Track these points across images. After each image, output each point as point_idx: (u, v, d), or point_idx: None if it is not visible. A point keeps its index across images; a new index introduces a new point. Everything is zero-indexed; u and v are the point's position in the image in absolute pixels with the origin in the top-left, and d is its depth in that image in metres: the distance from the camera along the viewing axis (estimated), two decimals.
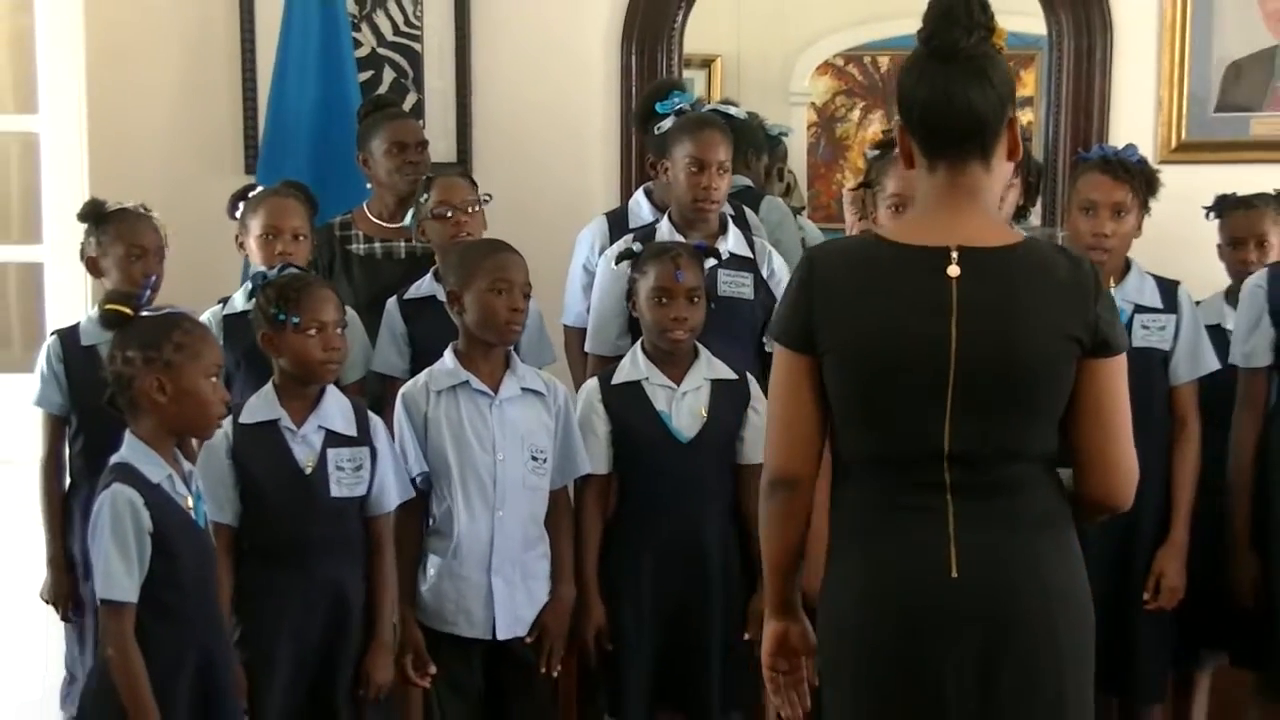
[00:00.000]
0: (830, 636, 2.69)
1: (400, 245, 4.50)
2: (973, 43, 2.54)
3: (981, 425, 2.55)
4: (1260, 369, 3.96)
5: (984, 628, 2.54)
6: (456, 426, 3.71)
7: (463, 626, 3.73)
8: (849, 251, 2.81)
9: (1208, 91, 5.22)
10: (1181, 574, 3.83)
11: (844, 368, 2.61)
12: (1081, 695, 2.62)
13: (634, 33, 5.24)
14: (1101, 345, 2.58)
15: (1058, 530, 2.63)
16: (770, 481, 2.70)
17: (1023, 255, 2.60)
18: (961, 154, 2.58)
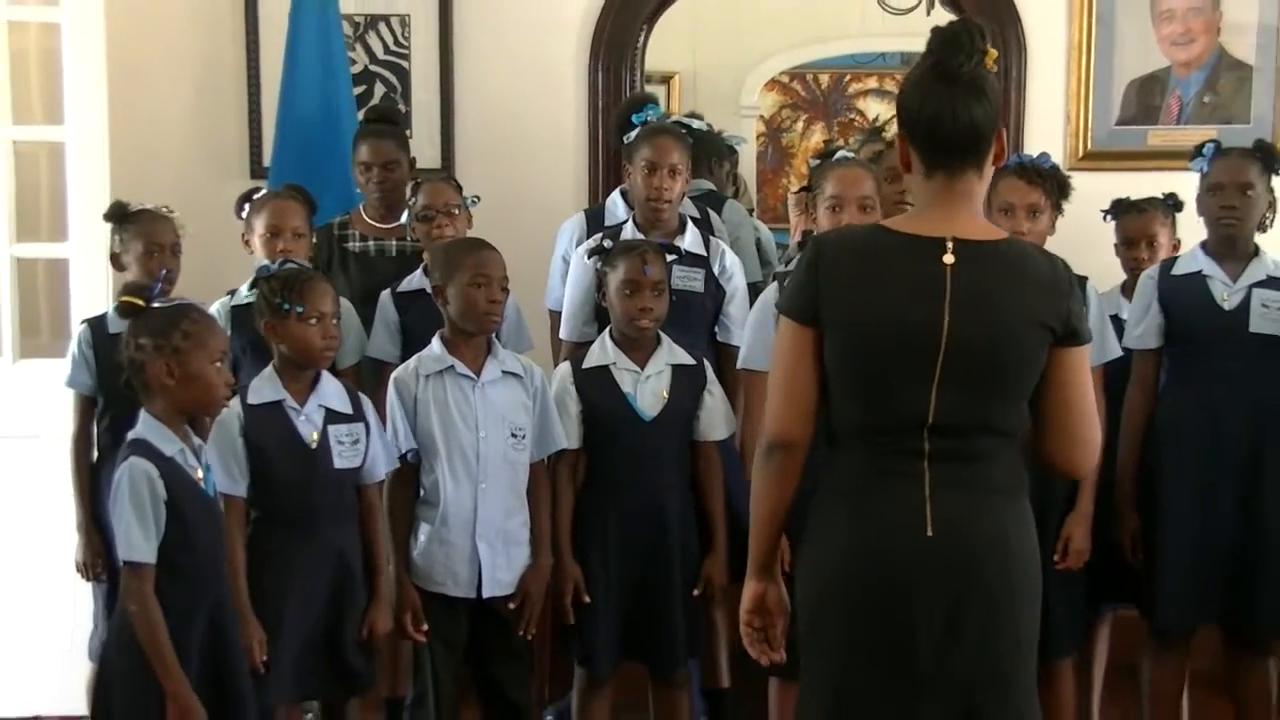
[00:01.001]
0: (814, 584, 2.68)
1: (392, 244, 4.49)
2: (972, 65, 2.56)
3: (962, 400, 2.56)
4: (1149, 351, 3.97)
5: (954, 579, 2.56)
6: (443, 407, 3.70)
7: (450, 587, 3.71)
8: (854, 237, 2.82)
9: (1110, 107, 5.23)
10: (1087, 538, 3.82)
11: (844, 342, 2.61)
12: (1032, 635, 2.67)
13: (601, 51, 5.24)
14: (1071, 335, 2.61)
15: (1017, 496, 2.66)
16: (769, 444, 2.68)
17: (1007, 250, 2.63)
18: (961, 163, 2.60)
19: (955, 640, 2.57)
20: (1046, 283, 2.60)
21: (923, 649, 2.56)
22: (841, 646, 2.63)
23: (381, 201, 4.51)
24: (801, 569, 2.71)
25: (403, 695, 3.98)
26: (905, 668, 2.58)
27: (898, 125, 2.68)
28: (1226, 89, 5.20)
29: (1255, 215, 3.89)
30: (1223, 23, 5.18)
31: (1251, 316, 3.83)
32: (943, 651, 2.57)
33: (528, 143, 5.25)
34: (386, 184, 4.48)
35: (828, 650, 2.65)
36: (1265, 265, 3.89)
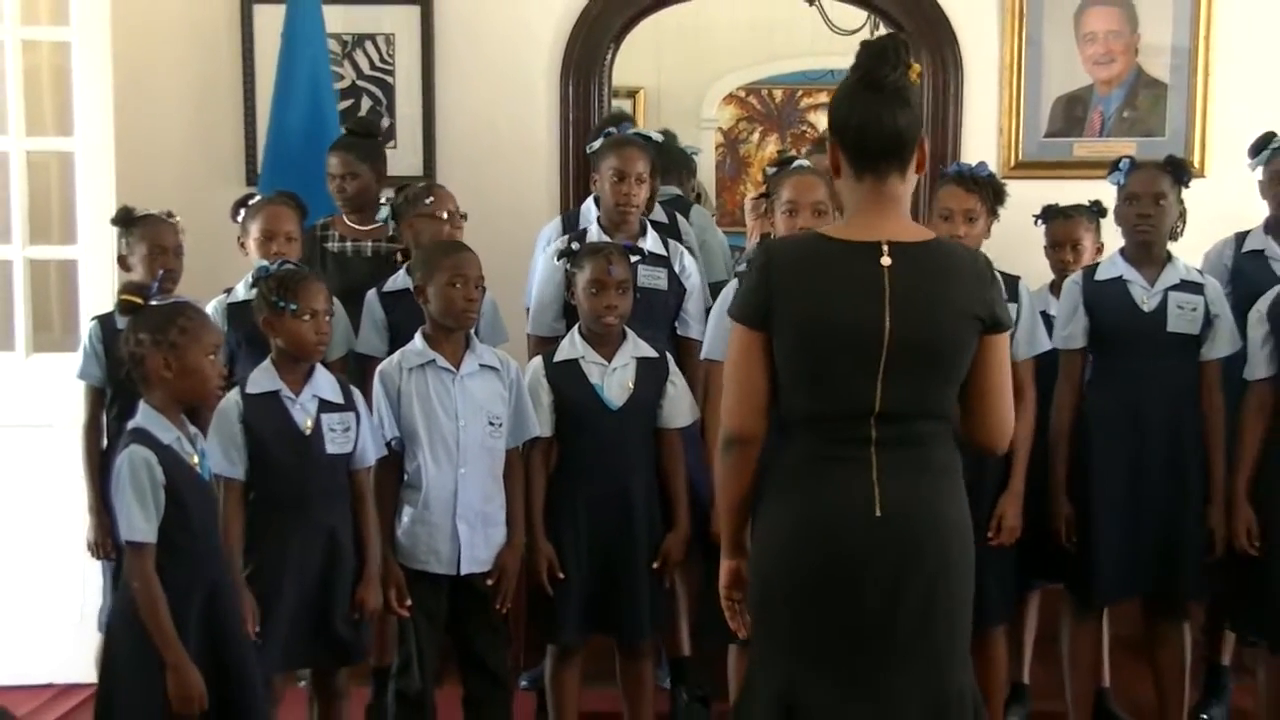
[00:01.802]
0: (765, 562, 2.66)
1: (368, 245, 4.51)
2: (897, 76, 2.55)
3: (905, 389, 2.56)
4: (1076, 350, 3.96)
5: (900, 555, 2.55)
6: (425, 398, 3.67)
7: (432, 564, 3.69)
8: (799, 246, 2.80)
9: (1039, 121, 5.24)
10: (1019, 516, 3.81)
11: (794, 342, 2.60)
12: (967, 605, 2.67)
13: (571, 68, 5.22)
14: (995, 323, 2.61)
15: (954, 476, 2.66)
16: (727, 440, 2.67)
17: (936, 249, 2.64)
18: (886, 167, 2.60)
19: (898, 612, 2.55)
20: (972, 276, 2.61)
21: (869, 622, 2.55)
22: (792, 623, 2.61)
23: (345, 207, 4.54)
24: (755, 548, 2.70)
25: (388, 664, 3.94)
26: (854, 644, 2.57)
27: (829, 132, 2.68)
28: (1144, 105, 5.20)
29: (1168, 224, 3.88)
30: (1140, 44, 5.18)
31: (1169, 317, 3.83)
32: (886, 623, 2.55)
33: (504, 152, 5.23)
34: (345, 192, 4.52)
35: (778, 624, 2.64)
36: (1179, 270, 3.89)
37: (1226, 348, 3.84)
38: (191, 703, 3.04)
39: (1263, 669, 3.91)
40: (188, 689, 3.03)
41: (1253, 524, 3.75)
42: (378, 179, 4.58)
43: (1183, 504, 3.82)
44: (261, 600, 3.42)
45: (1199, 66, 5.13)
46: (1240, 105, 4.99)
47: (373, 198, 4.52)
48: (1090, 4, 5.17)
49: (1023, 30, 5.16)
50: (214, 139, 5.28)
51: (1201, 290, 3.85)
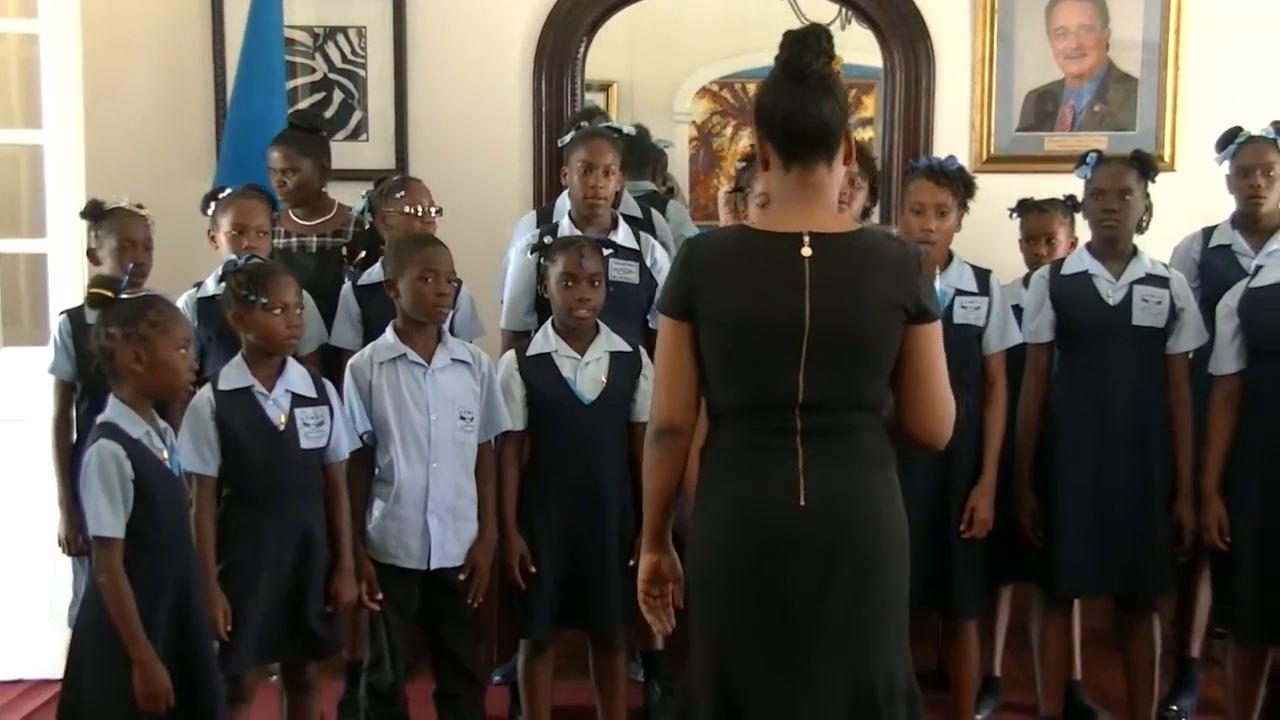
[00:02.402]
0: (699, 553, 2.67)
1: (313, 240, 4.49)
2: (820, 65, 2.57)
3: (828, 379, 2.56)
4: (1043, 344, 3.97)
5: (826, 544, 2.55)
6: (396, 392, 3.66)
7: (403, 559, 3.67)
8: (721, 238, 2.81)
9: (1011, 115, 5.24)
10: (990, 509, 3.83)
11: (717, 334, 2.60)
12: (899, 595, 2.65)
13: (544, 61, 5.21)
14: (921, 313, 2.60)
15: (883, 466, 2.65)
16: (656, 430, 2.67)
17: (860, 240, 2.63)
18: (812, 157, 2.60)
19: (826, 601, 2.55)
20: (897, 266, 2.60)
21: (797, 611, 2.56)
22: (723, 610, 2.62)
23: (287, 201, 4.50)
24: (689, 539, 2.70)
25: (360, 659, 3.94)
26: (781, 629, 2.57)
27: (756, 126, 2.67)
28: (1115, 99, 5.22)
29: (1134, 218, 3.89)
30: (1111, 39, 5.20)
31: (1134, 311, 3.83)
32: (815, 613, 2.56)
33: (476, 146, 5.21)
34: (285, 187, 4.48)
35: (710, 614, 2.64)
36: (1144, 264, 3.89)
37: (1192, 341, 3.86)
38: (158, 699, 3.02)
39: (1230, 661, 3.93)
40: (153, 685, 3.00)
41: (1224, 519, 3.75)
42: (321, 173, 4.54)
43: (1149, 497, 3.83)
44: (235, 596, 3.40)
45: (1169, 61, 5.15)
46: (1210, 100, 5.00)
47: (315, 192, 4.50)
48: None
49: (994, 25, 5.17)
50: (184, 132, 5.24)
51: (1167, 284, 3.86)
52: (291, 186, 4.45)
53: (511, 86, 5.21)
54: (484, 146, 5.20)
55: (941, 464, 3.79)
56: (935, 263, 3.83)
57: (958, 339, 3.79)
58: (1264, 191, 4.16)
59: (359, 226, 4.47)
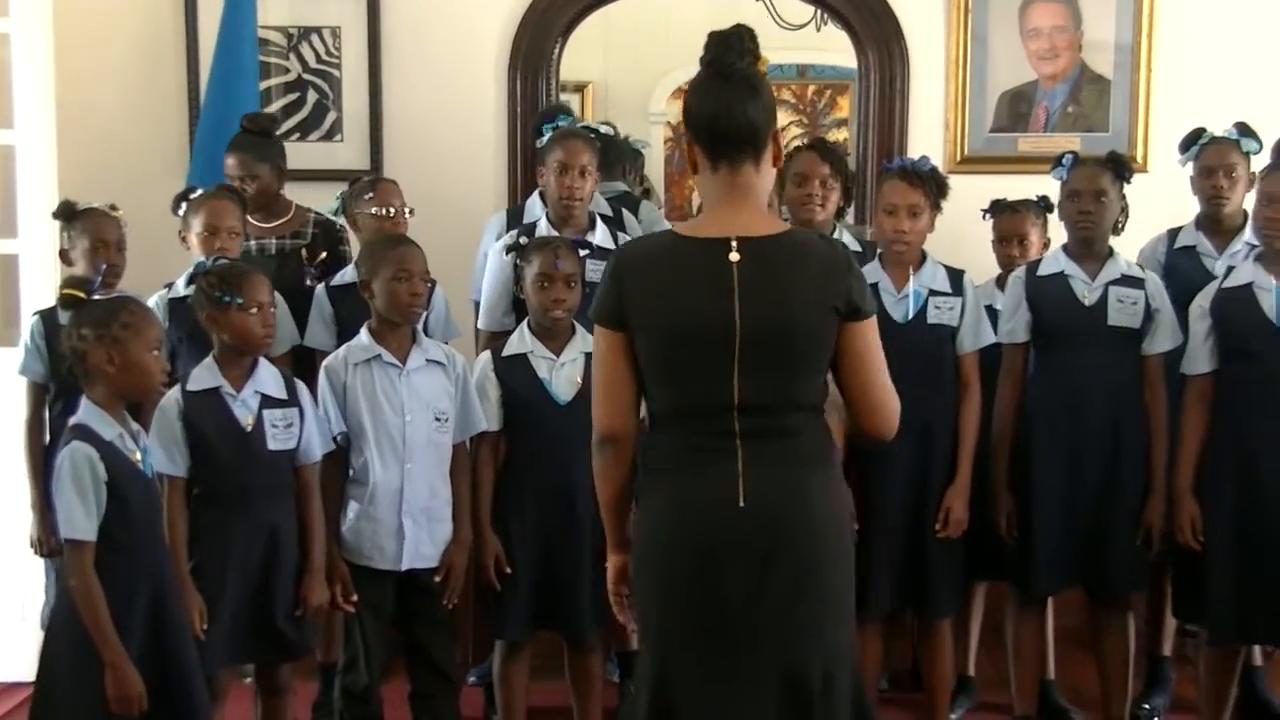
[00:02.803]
0: (642, 556, 2.68)
1: (272, 242, 4.46)
2: (744, 65, 2.57)
3: (762, 381, 2.56)
4: (1019, 344, 3.98)
5: (764, 545, 2.56)
6: (371, 393, 3.65)
7: (378, 560, 3.67)
8: (649, 245, 2.81)
9: (984, 116, 5.25)
10: (965, 509, 3.84)
11: (650, 340, 2.61)
12: (840, 596, 2.66)
13: (519, 62, 5.20)
14: (854, 311, 2.60)
15: (823, 466, 2.66)
16: (599, 439, 2.69)
17: (788, 241, 2.63)
18: (739, 157, 2.60)
19: (764, 603, 2.56)
20: (827, 266, 2.59)
21: (735, 612, 2.56)
22: (663, 611, 2.63)
23: (261, 209, 4.45)
24: (632, 540, 2.71)
25: (335, 660, 3.93)
26: (719, 629, 2.57)
27: (684, 128, 2.67)
28: (1088, 100, 5.23)
29: (1109, 219, 3.90)
30: (1084, 40, 5.21)
31: (1109, 311, 3.85)
32: (751, 614, 2.56)
33: (451, 147, 5.20)
34: (244, 193, 4.39)
35: (652, 615, 2.66)
36: (1119, 265, 3.91)
37: (1168, 342, 3.87)
38: (131, 703, 3.00)
39: (1203, 660, 3.95)
40: (126, 688, 2.99)
41: (1197, 518, 3.76)
42: (279, 176, 4.50)
43: (1122, 496, 3.84)
44: (205, 596, 3.39)
45: (1141, 63, 5.16)
46: (1182, 101, 5.01)
47: (274, 195, 4.47)
48: (1035, 0, 5.19)
49: (968, 26, 5.17)
50: (157, 132, 5.22)
51: (1142, 285, 3.88)
52: (252, 193, 4.38)
53: (486, 87, 5.20)
54: (459, 147, 5.19)
55: (916, 464, 3.81)
56: (909, 263, 3.84)
57: (931, 339, 3.82)
58: (1227, 192, 4.17)
59: (317, 228, 4.47)
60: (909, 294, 3.81)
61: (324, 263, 4.35)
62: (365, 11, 5.18)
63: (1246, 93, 4.96)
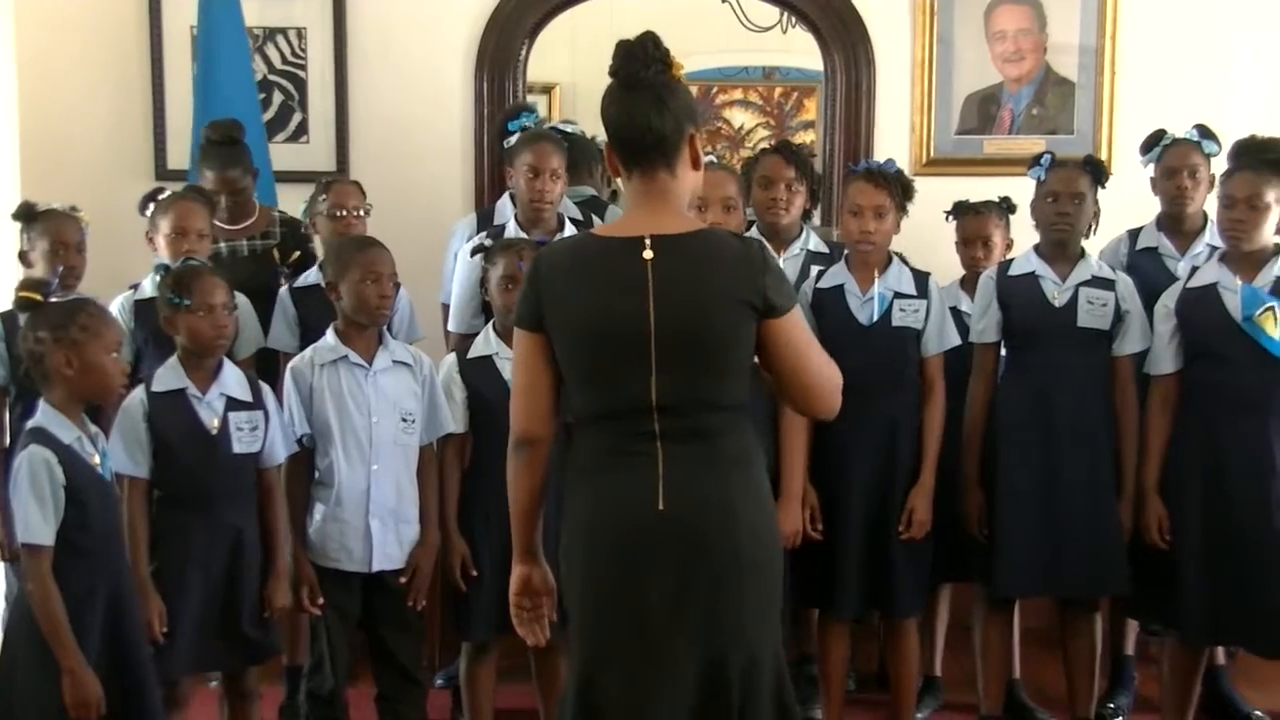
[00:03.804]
0: (568, 558, 2.67)
1: (244, 244, 4.44)
2: (651, 74, 2.57)
3: (680, 381, 2.55)
4: (989, 344, 3.99)
5: (683, 548, 2.55)
6: (337, 394, 3.63)
7: (344, 562, 3.65)
8: (568, 247, 2.80)
9: (950, 118, 5.26)
10: (928, 510, 3.83)
11: (567, 341, 2.60)
12: (764, 598, 2.64)
13: (486, 63, 5.17)
14: (771, 308, 2.58)
15: (748, 468, 2.64)
16: (515, 442, 2.67)
17: (701, 240, 2.61)
18: (649, 163, 2.60)
19: (685, 605, 2.55)
20: (740, 264, 2.58)
21: (656, 615, 2.55)
22: (585, 614, 2.62)
23: (230, 216, 4.43)
24: (560, 545, 2.70)
25: (301, 663, 3.92)
26: (640, 632, 2.57)
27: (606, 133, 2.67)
28: (1053, 103, 5.25)
29: (1084, 222, 3.91)
30: (1049, 43, 5.23)
31: (1079, 313, 3.86)
32: (672, 615, 2.56)
33: (418, 148, 5.16)
34: (235, 205, 4.42)
35: (576, 618, 2.64)
36: (1090, 266, 3.92)
37: (1137, 344, 3.87)
38: (89, 709, 2.97)
39: (1167, 659, 3.96)
40: (83, 693, 2.96)
41: (1164, 518, 3.78)
42: (253, 180, 4.50)
43: (1093, 498, 3.84)
44: (166, 599, 3.36)
45: (1106, 65, 5.18)
46: (1145, 104, 5.04)
47: (249, 199, 4.45)
48: (1000, 2, 5.20)
49: (934, 28, 5.19)
50: (121, 131, 5.17)
51: (1113, 286, 3.89)
52: (241, 202, 4.40)
53: (453, 88, 5.18)
54: (426, 148, 5.16)
55: (880, 465, 3.82)
56: (874, 265, 3.84)
57: (896, 342, 3.82)
58: (1189, 193, 4.19)
59: (284, 226, 4.46)
60: (874, 296, 3.81)
61: (298, 261, 4.33)
62: (331, 12, 5.15)
63: (1207, 95, 4.99)
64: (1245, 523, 3.66)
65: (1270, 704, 4.26)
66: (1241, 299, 3.65)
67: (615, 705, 2.59)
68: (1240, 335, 3.64)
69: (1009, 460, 3.89)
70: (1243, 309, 3.64)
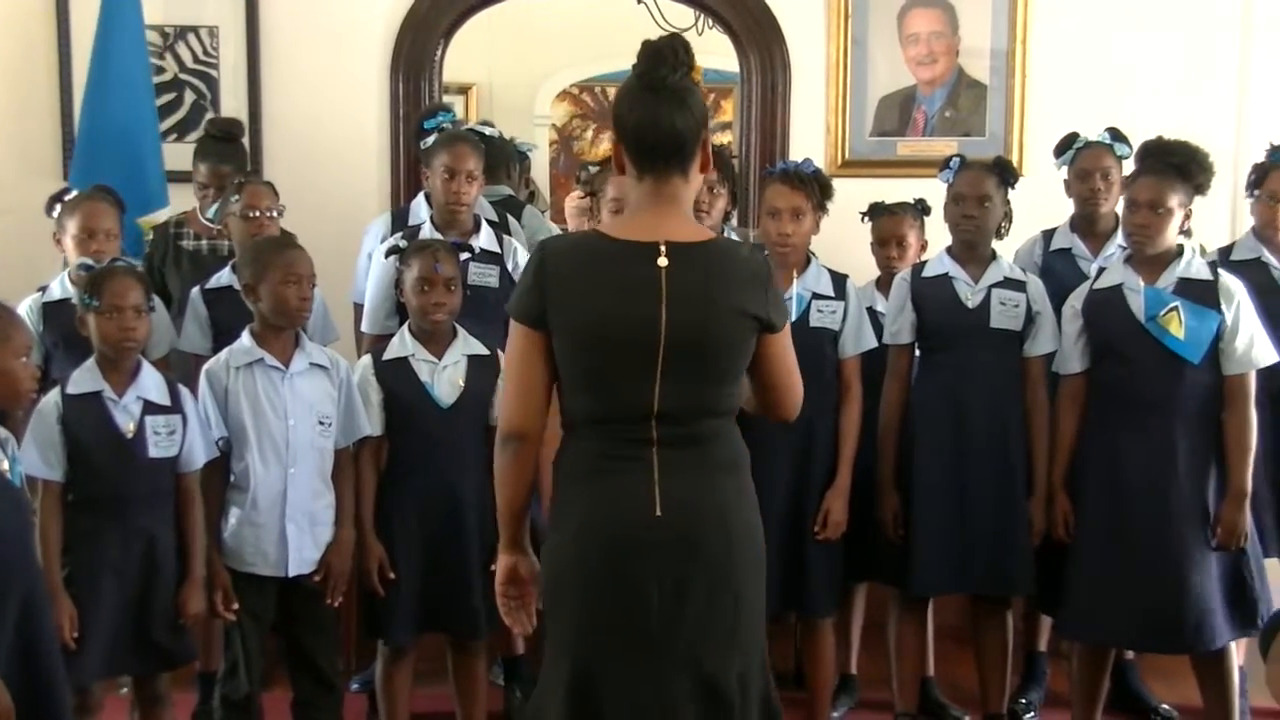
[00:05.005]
0: (554, 564, 2.67)
1: (225, 244, 4.40)
2: (676, 78, 2.58)
3: (684, 389, 2.57)
4: (904, 345, 4.04)
5: (680, 552, 2.58)
6: (254, 397, 3.62)
7: (260, 566, 3.63)
8: (576, 244, 2.81)
9: (865, 120, 5.31)
10: (844, 511, 3.87)
11: (571, 342, 2.60)
12: (755, 600, 2.69)
13: (401, 63, 5.16)
14: (771, 325, 2.65)
15: (738, 473, 2.69)
16: (504, 437, 2.66)
17: (714, 249, 2.65)
18: (666, 167, 2.61)
19: (682, 609, 2.59)
20: (750, 277, 2.62)
21: (654, 619, 2.58)
22: (579, 619, 2.62)
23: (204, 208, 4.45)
24: (544, 548, 2.70)
25: (215, 669, 3.88)
26: (638, 636, 2.59)
27: (613, 131, 2.69)
28: (966, 105, 5.32)
29: (992, 224, 3.96)
30: (961, 46, 5.30)
31: (992, 314, 3.92)
32: (671, 620, 2.58)
33: (333, 148, 5.14)
34: (208, 198, 4.41)
35: (567, 623, 2.64)
36: (1002, 268, 3.98)
37: (1048, 344, 3.93)
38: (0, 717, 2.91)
39: (1076, 655, 4.03)
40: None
41: (1069, 514, 3.85)
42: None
43: (1006, 497, 3.90)
44: (78, 604, 3.33)
45: (1016, 68, 5.27)
46: (1056, 106, 5.13)
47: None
48: (912, 5, 5.27)
49: (848, 30, 5.24)
50: (28, 131, 5.11)
51: (1024, 288, 3.95)
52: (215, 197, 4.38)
53: (368, 88, 5.16)
54: (341, 148, 5.14)
55: (796, 465, 3.84)
56: (793, 266, 3.87)
57: (814, 343, 3.84)
58: (1102, 195, 4.28)
59: None
60: (792, 297, 3.83)
61: None
62: (244, 11, 5.12)
63: (1116, 98, 5.08)
64: (1145, 521, 3.71)
65: (1177, 697, 4.34)
66: (1144, 300, 3.72)
67: (614, 708, 2.60)
68: (1144, 336, 3.71)
69: (923, 461, 3.94)
70: (1146, 310, 3.71)
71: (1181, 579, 3.67)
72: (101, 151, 4.67)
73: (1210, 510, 3.70)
